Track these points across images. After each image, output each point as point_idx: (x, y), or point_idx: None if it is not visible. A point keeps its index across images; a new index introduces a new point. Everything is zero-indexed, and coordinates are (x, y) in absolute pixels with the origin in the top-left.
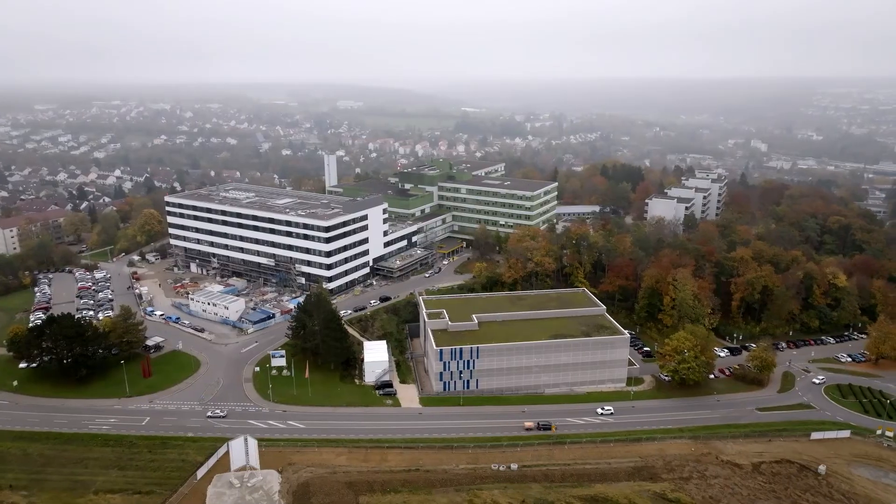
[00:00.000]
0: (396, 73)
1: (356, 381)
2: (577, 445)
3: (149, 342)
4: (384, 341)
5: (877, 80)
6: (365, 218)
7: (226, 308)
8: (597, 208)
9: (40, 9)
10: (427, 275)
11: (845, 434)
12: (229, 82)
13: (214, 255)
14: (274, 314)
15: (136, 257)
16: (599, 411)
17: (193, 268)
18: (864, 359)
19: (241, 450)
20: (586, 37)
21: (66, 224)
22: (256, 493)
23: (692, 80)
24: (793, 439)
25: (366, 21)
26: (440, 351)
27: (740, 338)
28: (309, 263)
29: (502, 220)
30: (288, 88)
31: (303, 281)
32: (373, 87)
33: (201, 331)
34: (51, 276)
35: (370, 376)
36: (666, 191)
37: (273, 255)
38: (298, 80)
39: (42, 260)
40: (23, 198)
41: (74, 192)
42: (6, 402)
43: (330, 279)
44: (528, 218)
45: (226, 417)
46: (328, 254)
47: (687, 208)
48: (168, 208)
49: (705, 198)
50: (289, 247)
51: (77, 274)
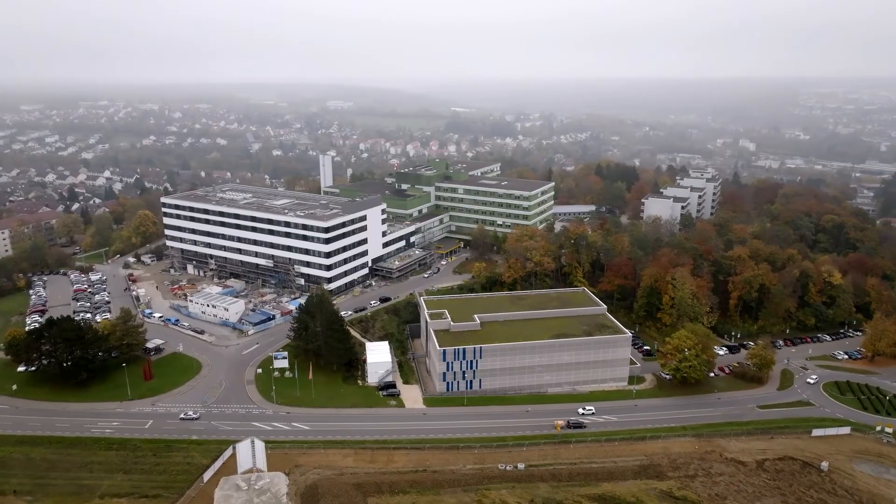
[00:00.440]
0: (386, 73)
1: (359, 382)
2: (582, 444)
3: (149, 344)
4: (386, 342)
5: (861, 81)
6: (364, 218)
7: (225, 310)
8: (592, 208)
9: (16, 5)
10: (426, 275)
11: (845, 431)
12: (217, 82)
13: (212, 256)
14: (274, 315)
15: (131, 259)
16: (581, 411)
17: (190, 269)
18: (860, 356)
19: (247, 452)
20: (581, 37)
21: (58, 226)
22: (264, 495)
23: (681, 80)
24: (794, 436)
25: (357, 21)
26: (443, 351)
27: (738, 336)
28: (308, 264)
29: (500, 220)
30: (277, 88)
31: (302, 282)
32: (363, 87)
33: (201, 333)
34: (45, 278)
35: (373, 377)
36: (662, 190)
37: (271, 256)
38: (288, 80)
39: (36, 262)
40: (12, 199)
41: (65, 194)
42: (6, 406)
43: (329, 280)
44: (525, 218)
45: (199, 419)
46: (328, 254)
47: (683, 207)
48: (164, 209)
49: (700, 197)
50: (287, 248)
51: (72, 276)
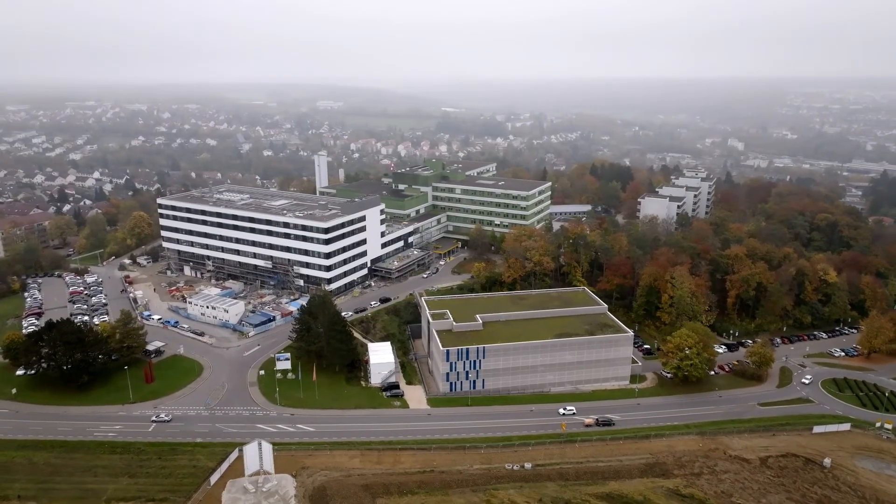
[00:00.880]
0: (378, 73)
1: (362, 382)
2: (587, 443)
3: (149, 347)
4: (388, 342)
5: (846, 81)
6: (363, 219)
7: (225, 311)
8: (588, 207)
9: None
10: (425, 275)
11: (846, 427)
12: (205, 82)
13: (209, 257)
14: (274, 317)
15: (127, 261)
16: (562, 411)
17: (187, 271)
18: (856, 353)
19: (255, 454)
20: (580, 37)
21: (51, 227)
22: (272, 497)
23: (671, 80)
24: (796, 433)
25: (351, 22)
26: (447, 352)
27: (736, 334)
28: (307, 265)
29: (497, 220)
30: (266, 89)
31: (301, 283)
32: (353, 87)
33: (201, 334)
34: (39, 280)
35: (376, 378)
36: (657, 189)
37: (270, 257)
38: (276, 80)
39: (30, 264)
40: (1, 201)
41: (54, 195)
42: (6, 410)
43: (329, 281)
44: (523, 218)
45: (171, 422)
46: (327, 255)
47: (679, 207)
48: (160, 211)
49: (696, 196)
50: (286, 248)
51: (67, 278)
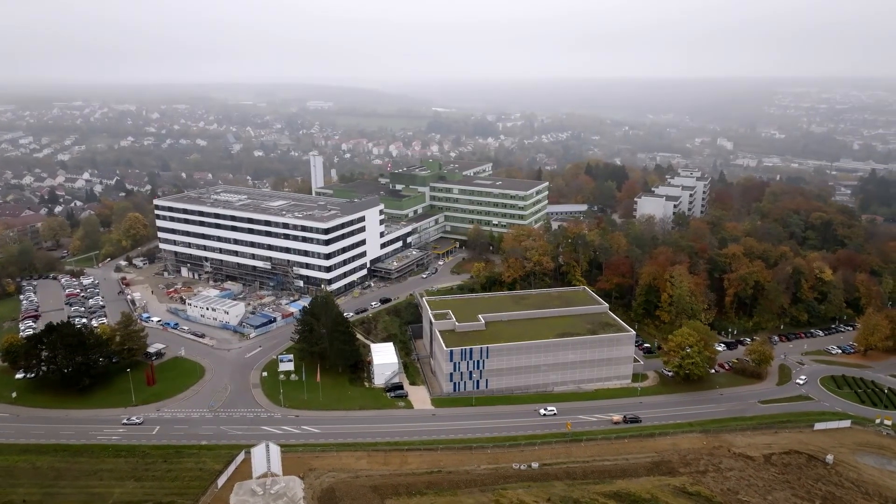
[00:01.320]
0: (365, 73)
1: (365, 383)
2: (593, 442)
3: (150, 349)
4: (391, 343)
5: (832, 80)
6: (363, 219)
7: (226, 313)
8: (584, 207)
9: None
10: (424, 276)
11: (846, 424)
12: (192, 82)
13: (207, 258)
14: (275, 318)
15: (123, 262)
16: (542, 412)
17: (184, 272)
18: (853, 350)
19: (262, 456)
20: (574, 38)
21: (43, 229)
22: (281, 500)
23: (659, 80)
24: (797, 430)
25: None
26: (450, 352)
27: (734, 332)
28: (307, 266)
29: (495, 220)
30: (254, 89)
31: (301, 284)
32: (342, 87)
33: (202, 336)
34: (34, 283)
35: (380, 378)
36: (653, 189)
37: (269, 258)
38: (263, 80)
39: (24, 266)
40: None
41: (45, 196)
42: (6, 414)
43: (330, 281)
44: (521, 217)
45: (142, 424)
46: (328, 256)
47: (675, 206)
48: (157, 212)
49: (691, 196)
50: (286, 249)
51: (63, 280)
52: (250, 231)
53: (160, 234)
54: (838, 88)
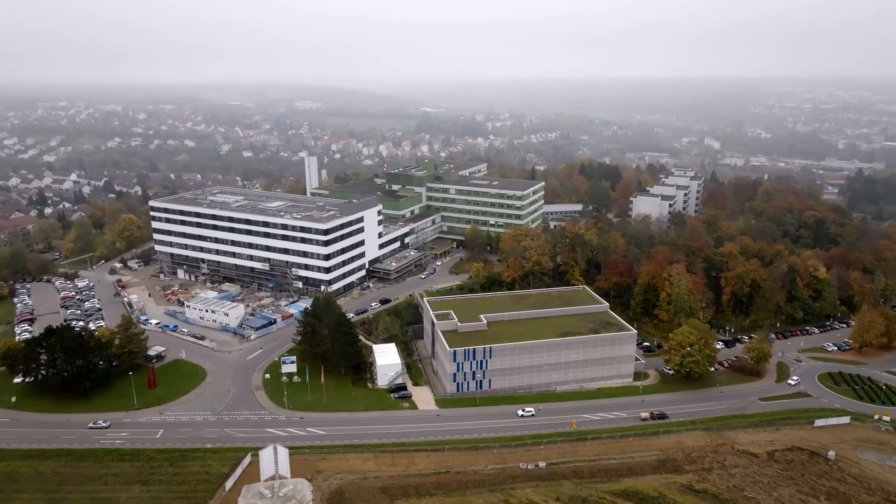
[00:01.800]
0: (353, 73)
1: (369, 384)
2: (598, 441)
3: (150, 352)
4: (393, 344)
5: (817, 80)
6: (361, 220)
7: (225, 315)
8: (579, 207)
9: None
10: (423, 276)
11: (845, 420)
12: (178, 82)
13: (204, 260)
14: (275, 319)
15: (117, 264)
16: (520, 413)
17: (181, 274)
18: (848, 347)
19: (270, 459)
20: (555, 39)
21: (35, 231)
22: (289, 502)
23: (648, 80)
24: (798, 427)
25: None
26: (453, 352)
27: (732, 330)
28: (307, 267)
29: (492, 220)
30: (241, 89)
31: (300, 285)
32: (330, 87)
33: (201, 338)
34: (28, 285)
35: (383, 379)
36: (648, 189)
37: (267, 260)
38: (250, 79)
39: (17, 269)
40: None
41: (33, 198)
42: (6, 419)
43: (329, 282)
44: (518, 217)
45: (109, 428)
46: (327, 257)
47: (670, 205)
48: (153, 213)
49: (685, 195)
50: (285, 250)
51: (57, 283)
52: (248, 232)
53: (156, 236)
54: (822, 88)
